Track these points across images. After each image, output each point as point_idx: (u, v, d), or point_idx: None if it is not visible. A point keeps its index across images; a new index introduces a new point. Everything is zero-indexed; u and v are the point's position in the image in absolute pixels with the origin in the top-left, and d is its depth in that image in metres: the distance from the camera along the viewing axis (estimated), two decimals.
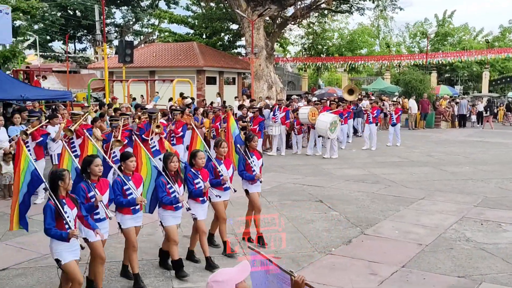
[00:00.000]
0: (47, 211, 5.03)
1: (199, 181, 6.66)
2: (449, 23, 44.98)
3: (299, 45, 45.61)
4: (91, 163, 5.67)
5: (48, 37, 44.53)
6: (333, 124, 15.52)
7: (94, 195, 5.56)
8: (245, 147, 7.68)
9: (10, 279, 6.37)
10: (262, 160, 7.78)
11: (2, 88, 13.46)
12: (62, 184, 5.12)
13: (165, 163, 6.37)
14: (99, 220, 5.75)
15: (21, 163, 5.65)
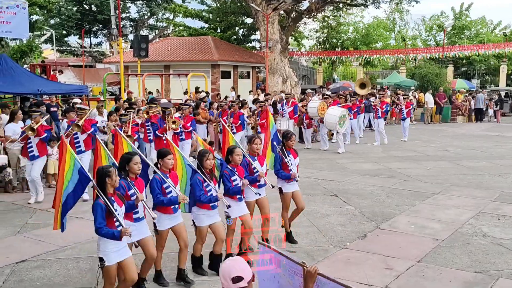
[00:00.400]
0: (97, 210, 4.86)
1: (236, 178, 6.45)
2: (466, 16, 44.38)
3: (313, 39, 45.38)
4: (130, 161, 5.52)
5: (64, 31, 44.91)
6: (342, 118, 15.45)
7: (134, 193, 5.42)
8: (282, 146, 7.47)
9: (28, 271, 6.47)
10: (298, 158, 7.60)
11: (20, 82, 13.60)
12: (109, 181, 4.98)
13: (201, 161, 6.14)
14: (138, 219, 5.56)
15: (66, 161, 5.45)
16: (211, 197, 6.02)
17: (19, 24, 15.66)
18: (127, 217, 5.33)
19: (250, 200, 6.86)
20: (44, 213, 9.12)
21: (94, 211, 4.88)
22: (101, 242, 4.95)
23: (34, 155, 9.71)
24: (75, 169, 5.40)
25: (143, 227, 5.59)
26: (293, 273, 3.33)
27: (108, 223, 4.88)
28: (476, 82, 39.06)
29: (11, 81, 13.45)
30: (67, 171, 5.41)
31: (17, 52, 21.22)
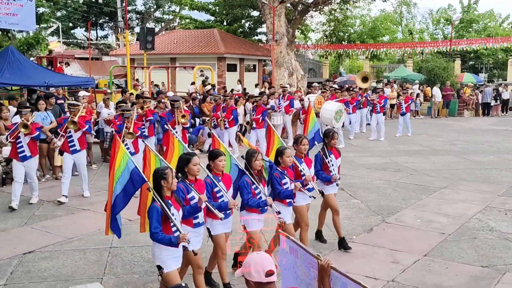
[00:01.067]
0: (153, 214, 4.57)
1: (286, 181, 6.05)
2: (474, 9, 44.04)
3: (320, 32, 45.16)
4: (189, 162, 5.14)
5: (71, 24, 44.90)
6: (339, 112, 14.94)
7: (193, 197, 5.09)
8: (323, 145, 7.03)
9: (35, 262, 6.51)
10: (340, 159, 7.15)
11: (27, 74, 13.63)
12: (165, 183, 4.68)
13: (249, 161, 5.72)
14: (198, 225, 5.24)
15: (117, 161, 5.07)
16: (260, 202, 5.64)
17: (26, 16, 15.67)
18: (186, 223, 5.03)
19: (300, 204, 6.43)
20: (51, 205, 9.16)
21: (150, 215, 4.62)
22: (156, 248, 4.70)
23: (25, 156, 8.92)
24: (126, 170, 5.05)
25: (204, 233, 5.25)
26: (309, 265, 3.34)
27: (164, 228, 4.61)
28: (483, 76, 38.79)
29: (18, 73, 13.48)
30: (117, 171, 5.08)
31: (23, 44, 21.27)
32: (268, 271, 2.95)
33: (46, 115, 11.09)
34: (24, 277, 6.05)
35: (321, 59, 44.38)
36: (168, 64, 27.66)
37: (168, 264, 4.69)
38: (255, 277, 2.95)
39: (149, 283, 5.91)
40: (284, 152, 6.10)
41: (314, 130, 7.71)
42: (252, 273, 2.96)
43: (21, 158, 8.91)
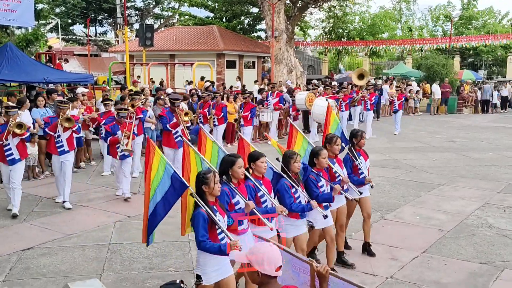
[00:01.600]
0: (199, 221, 4.26)
1: (323, 184, 5.73)
2: (473, 6, 44.04)
3: (319, 28, 45.17)
4: (234, 164, 4.83)
5: (70, 20, 44.79)
6: None
7: (239, 201, 4.82)
8: (351, 146, 6.61)
9: (34, 258, 6.51)
10: (369, 161, 6.82)
11: (26, 71, 13.61)
12: (206, 188, 4.37)
13: (287, 163, 5.40)
14: (243, 232, 4.94)
15: (154, 166, 4.71)
16: (304, 206, 5.32)
17: (24, 13, 15.62)
18: (229, 230, 4.65)
19: (332, 208, 6.06)
20: (50, 202, 9.16)
21: (195, 223, 4.30)
22: (202, 257, 4.40)
23: (14, 159, 8.17)
24: (165, 175, 4.66)
25: (249, 240, 4.90)
26: (297, 269, 3.28)
27: (210, 236, 4.30)
28: (483, 73, 38.83)
29: (17, 70, 13.46)
30: (154, 177, 4.69)
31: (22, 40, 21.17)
32: (280, 266, 2.96)
33: (45, 111, 11.07)
34: (23, 274, 6.05)
35: (321, 56, 44.37)
36: (167, 60, 27.63)
37: (209, 277, 4.39)
38: (266, 270, 2.93)
39: (148, 279, 5.91)
40: (320, 153, 5.75)
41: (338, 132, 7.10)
42: (264, 265, 2.94)
43: (9, 161, 8.13)
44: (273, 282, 2.98)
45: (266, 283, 2.96)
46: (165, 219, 8.05)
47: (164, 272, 6.12)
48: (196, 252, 6.65)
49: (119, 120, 9.44)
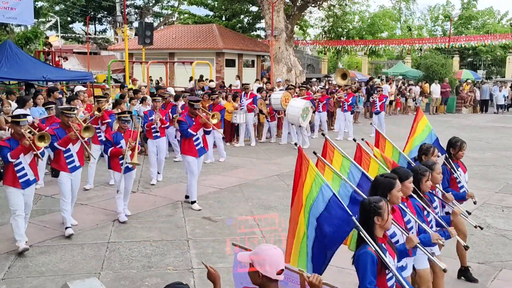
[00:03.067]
0: (367, 263, 3.41)
1: (437, 205, 5.07)
2: (473, 6, 44.07)
3: (319, 27, 45.13)
4: (393, 187, 3.98)
5: (69, 18, 44.77)
6: (305, 110, 13.98)
7: (395, 233, 4.06)
8: (448, 157, 5.95)
9: (33, 257, 6.51)
10: (468, 173, 6.13)
11: (25, 69, 13.61)
12: (379, 221, 3.54)
13: (418, 181, 4.58)
14: (403, 268, 4.12)
15: (306, 184, 3.87)
16: (441, 232, 4.41)
17: (24, 10, 15.62)
18: None
19: None
20: (49, 200, 9.16)
21: (361, 264, 3.46)
22: None
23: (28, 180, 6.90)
24: (321, 196, 3.77)
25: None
26: (286, 279, 3.26)
27: (379, 282, 3.49)
28: (482, 73, 38.86)
29: (16, 68, 13.46)
30: (307, 198, 3.87)
31: (22, 38, 21.17)
32: (281, 269, 2.95)
33: (43, 110, 11.05)
34: (22, 272, 6.06)
35: (320, 55, 44.36)
36: (167, 59, 27.61)
37: None
38: (268, 272, 2.93)
39: (146, 278, 5.92)
40: (434, 167, 4.87)
41: (432, 139, 6.32)
42: (266, 266, 2.94)
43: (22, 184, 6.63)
44: (273, 285, 2.98)
45: (267, 285, 2.97)
46: (164, 218, 8.12)
47: (163, 271, 6.13)
48: (195, 250, 6.70)
49: (122, 126, 8.02)
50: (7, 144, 6.44)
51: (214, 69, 25.49)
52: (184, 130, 8.60)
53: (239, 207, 8.82)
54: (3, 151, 6.39)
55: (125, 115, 8.13)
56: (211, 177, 10.90)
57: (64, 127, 7.32)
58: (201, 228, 7.68)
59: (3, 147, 6.42)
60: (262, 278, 2.96)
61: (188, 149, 8.67)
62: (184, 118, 8.74)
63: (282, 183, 10.48)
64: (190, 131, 8.54)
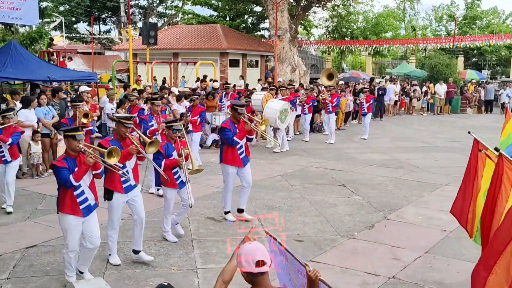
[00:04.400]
0: None
1: None
2: (477, 6, 43.96)
3: (323, 28, 45.13)
4: None
5: (74, 18, 44.91)
6: (283, 112, 13.25)
7: None
8: None
9: (38, 256, 6.53)
10: None
11: (29, 69, 13.64)
12: None
13: None
14: None
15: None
16: None
17: (29, 11, 15.67)
18: None
19: None
20: (54, 199, 9.14)
21: None
22: None
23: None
24: None
25: None
26: (297, 271, 3.30)
27: None
28: (486, 73, 38.76)
29: (21, 68, 13.48)
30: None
31: (26, 38, 21.26)
32: (258, 261, 2.93)
33: (48, 109, 11.11)
34: (26, 271, 6.08)
35: (324, 55, 44.37)
36: (171, 59, 27.66)
37: None
38: (245, 267, 2.95)
39: (150, 278, 5.93)
40: None
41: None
42: (242, 262, 2.96)
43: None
44: (262, 280, 2.97)
45: (255, 282, 2.97)
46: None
47: (167, 271, 6.14)
48: (199, 250, 6.70)
49: (173, 136, 7.11)
50: (65, 165, 5.37)
51: (218, 69, 25.51)
52: (228, 138, 7.75)
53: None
54: (62, 174, 5.30)
55: (176, 123, 7.16)
56: (215, 177, 10.91)
57: (119, 139, 6.26)
58: (205, 228, 7.69)
59: (61, 169, 5.31)
60: (248, 276, 2.97)
61: (231, 159, 7.86)
62: (228, 125, 7.86)
63: (286, 183, 10.49)
64: (235, 139, 7.74)
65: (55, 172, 5.36)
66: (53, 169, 5.44)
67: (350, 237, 7.34)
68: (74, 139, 5.40)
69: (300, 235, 7.38)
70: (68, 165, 5.36)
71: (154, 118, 9.37)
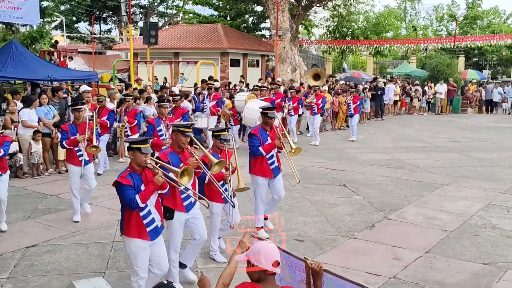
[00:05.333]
0: None
1: None
2: (478, 6, 43.93)
3: (324, 27, 45.13)
4: None
5: (74, 18, 44.92)
6: None
7: None
8: None
9: (39, 256, 6.54)
10: None
11: (30, 68, 13.66)
12: None
13: None
14: None
15: None
16: None
17: (29, 10, 15.67)
18: None
19: None
20: (54, 199, 9.19)
21: None
22: None
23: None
24: None
25: None
26: (293, 268, 3.33)
27: None
28: (487, 73, 38.73)
29: (22, 67, 13.51)
30: None
31: (27, 38, 21.28)
32: (276, 261, 3.05)
33: (48, 109, 11.11)
34: (27, 271, 6.08)
35: (325, 55, 44.36)
36: (172, 59, 27.67)
37: None
38: (264, 264, 3.02)
39: None
40: None
41: None
42: (261, 260, 3.03)
43: None
44: (270, 279, 3.06)
45: (263, 279, 3.04)
46: None
47: None
48: (200, 250, 6.69)
49: (220, 146, 6.21)
50: (130, 182, 4.73)
51: (218, 69, 25.51)
52: (253, 147, 6.93)
53: (243, 206, 8.80)
54: (127, 194, 4.68)
55: (224, 132, 6.20)
56: None
57: (177, 151, 5.58)
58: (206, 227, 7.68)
59: (126, 188, 4.69)
60: (258, 273, 3.04)
61: (259, 169, 7.12)
62: (257, 132, 6.99)
63: (286, 183, 10.46)
64: (260, 150, 6.91)
65: (119, 191, 4.72)
66: (116, 186, 4.75)
67: (350, 237, 7.34)
68: (140, 152, 4.76)
69: (300, 235, 7.38)
70: (134, 182, 4.74)
71: (162, 122, 8.82)
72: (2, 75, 13.11)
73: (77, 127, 7.82)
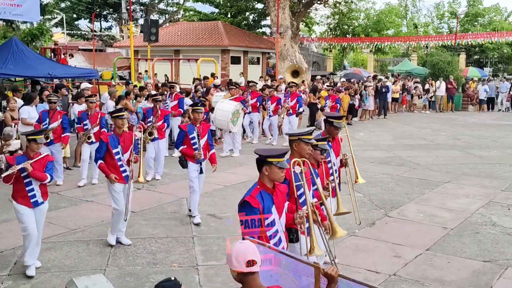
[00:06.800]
0: None
1: None
2: (479, 3, 43.87)
3: (324, 25, 45.16)
4: None
5: (75, 15, 44.89)
6: (235, 114, 12.36)
7: None
8: None
9: (39, 253, 6.52)
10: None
11: (31, 66, 13.63)
12: None
13: None
14: None
15: None
16: None
17: (30, 7, 15.64)
18: None
19: None
20: (54, 196, 9.18)
21: None
22: None
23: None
24: None
25: None
26: (299, 272, 3.24)
27: None
28: (488, 71, 38.68)
29: (22, 65, 13.48)
30: None
31: (27, 35, 21.25)
32: (249, 260, 2.90)
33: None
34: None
35: (325, 52, 44.29)
36: (172, 56, 27.64)
37: None
38: (236, 266, 2.91)
39: (151, 275, 5.93)
40: None
41: None
42: (233, 261, 2.92)
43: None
44: (251, 279, 2.94)
45: (245, 281, 2.94)
46: (169, 215, 8.13)
47: (168, 268, 6.14)
48: (200, 247, 6.70)
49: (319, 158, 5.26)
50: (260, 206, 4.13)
51: (219, 66, 25.49)
52: None
53: None
54: None
55: (323, 142, 5.25)
56: (216, 174, 10.87)
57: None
58: (206, 225, 7.69)
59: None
60: (238, 276, 2.94)
61: None
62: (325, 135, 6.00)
63: None
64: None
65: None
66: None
67: (351, 234, 7.33)
68: (279, 168, 4.15)
69: None
70: (263, 205, 4.05)
71: (196, 128, 7.75)
72: (3, 72, 13.09)
73: (119, 138, 6.87)
